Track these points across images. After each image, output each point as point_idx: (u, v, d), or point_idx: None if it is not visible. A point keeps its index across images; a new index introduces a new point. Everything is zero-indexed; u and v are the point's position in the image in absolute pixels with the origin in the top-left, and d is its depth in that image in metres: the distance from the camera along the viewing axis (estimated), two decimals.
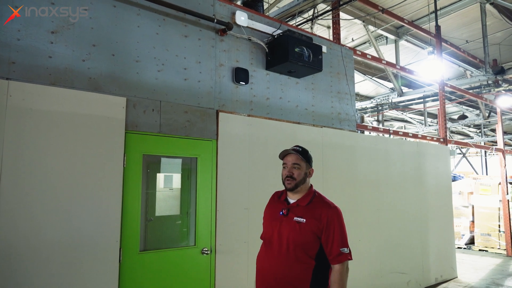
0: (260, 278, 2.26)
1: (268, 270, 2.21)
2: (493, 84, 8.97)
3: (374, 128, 6.60)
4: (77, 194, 3.07)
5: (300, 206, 2.23)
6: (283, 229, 2.19)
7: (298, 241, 2.13)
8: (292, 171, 2.23)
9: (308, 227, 2.14)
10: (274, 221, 2.26)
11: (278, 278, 2.15)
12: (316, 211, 2.18)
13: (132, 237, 3.36)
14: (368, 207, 5.43)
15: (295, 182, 2.22)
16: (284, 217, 2.22)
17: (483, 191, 9.87)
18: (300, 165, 2.25)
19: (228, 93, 4.26)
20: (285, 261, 2.14)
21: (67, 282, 2.95)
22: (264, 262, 2.25)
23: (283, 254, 2.15)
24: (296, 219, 2.17)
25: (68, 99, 3.11)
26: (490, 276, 7.06)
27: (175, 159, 3.88)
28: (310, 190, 2.31)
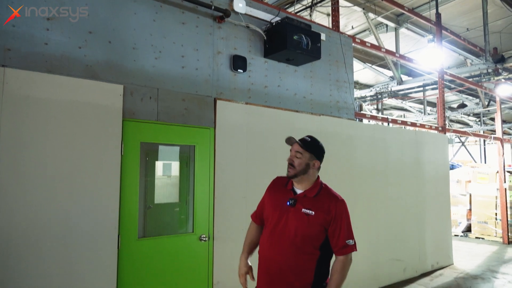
0: (264, 267, 2.25)
1: (273, 259, 2.19)
2: (493, 73, 8.93)
3: (372, 117, 6.59)
4: (75, 182, 3.08)
5: (308, 197, 2.22)
6: (290, 220, 2.17)
7: (306, 233, 2.14)
8: (293, 159, 2.23)
9: (317, 219, 2.15)
10: (280, 210, 2.23)
11: (284, 268, 2.16)
12: (325, 204, 2.19)
13: (131, 224, 3.39)
14: (365, 195, 5.46)
15: (295, 171, 2.21)
16: (291, 208, 2.20)
17: (480, 179, 9.92)
18: (303, 155, 2.23)
19: (226, 81, 4.25)
20: (291, 252, 2.15)
21: (66, 268, 2.99)
22: (269, 251, 2.22)
23: (290, 244, 2.15)
24: (305, 210, 2.16)
25: (65, 86, 3.10)
26: (486, 263, 7.15)
27: (173, 147, 3.89)
28: (317, 181, 2.29)
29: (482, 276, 6.22)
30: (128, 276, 3.34)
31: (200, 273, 3.77)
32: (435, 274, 6.27)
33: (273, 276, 2.19)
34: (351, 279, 5.12)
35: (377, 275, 5.49)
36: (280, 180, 2.39)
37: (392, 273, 5.74)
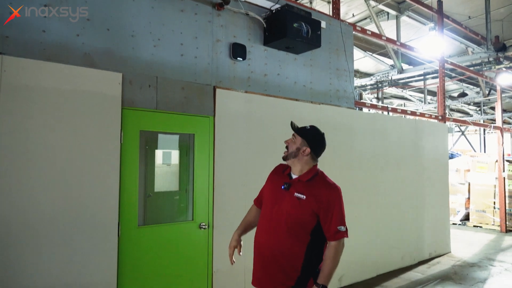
0: (256, 252, 2.32)
1: (264, 244, 2.26)
2: (494, 61, 8.88)
3: (372, 105, 6.58)
4: (74, 170, 3.09)
5: (301, 181, 2.25)
6: (283, 203, 2.23)
7: (296, 217, 2.18)
8: (288, 142, 2.34)
9: (308, 204, 2.17)
10: (276, 194, 2.29)
11: (275, 251, 2.20)
12: (317, 190, 2.21)
13: (130, 212, 3.41)
14: (365, 184, 5.48)
15: (286, 153, 2.32)
16: (285, 192, 2.25)
17: (480, 168, 9.94)
18: (295, 139, 2.31)
19: (225, 69, 4.23)
20: (281, 236, 2.19)
21: (66, 255, 3.02)
22: (262, 237, 2.29)
23: (281, 228, 2.20)
24: (297, 194, 2.21)
25: (63, 74, 3.08)
26: (483, 251, 7.22)
27: (172, 135, 3.90)
28: (314, 168, 2.32)
29: (479, 264, 6.29)
30: (129, 263, 3.37)
31: (200, 261, 3.81)
32: (433, 262, 6.34)
33: (265, 259, 2.25)
34: (350, 266, 5.20)
35: (376, 262, 5.55)
36: (281, 167, 2.45)
37: (390, 261, 5.80)
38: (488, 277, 5.54)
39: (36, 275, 2.88)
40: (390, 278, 5.43)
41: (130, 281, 3.37)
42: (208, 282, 3.84)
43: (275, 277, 2.22)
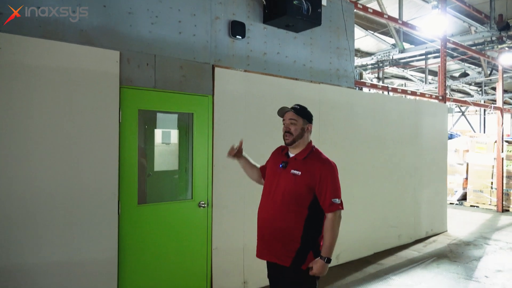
0: (259, 227, 2.49)
1: (266, 220, 2.41)
2: (497, 41, 8.77)
3: (372, 85, 6.54)
4: (73, 149, 3.09)
5: (298, 160, 2.40)
6: (281, 180, 2.38)
7: (293, 192, 2.32)
8: (289, 127, 2.40)
9: (303, 179, 2.32)
10: (274, 173, 2.45)
11: (274, 227, 2.36)
12: (311, 166, 2.35)
13: (130, 190, 3.44)
14: (364, 164, 5.50)
15: (293, 137, 2.39)
16: (283, 170, 2.40)
17: (478, 149, 9.97)
18: (297, 121, 2.41)
19: (224, 47, 4.18)
20: (281, 211, 2.34)
21: (67, 233, 3.06)
22: (263, 213, 2.45)
23: (279, 204, 2.35)
24: (293, 171, 2.35)
25: (60, 52, 3.04)
26: (479, 230, 7.32)
27: (171, 114, 3.88)
28: (309, 145, 2.46)
29: (475, 242, 6.38)
30: (129, 241, 3.42)
31: (199, 239, 3.86)
32: (429, 241, 6.44)
33: (267, 233, 2.40)
34: (348, 244, 5.28)
35: (373, 241, 5.63)
36: (280, 148, 2.59)
37: (387, 240, 5.88)
38: (483, 255, 5.63)
39: (37, 253, 2.93)
40: (386, 256, 5.53)
41: (130, 258, 3.43)
42: (208, 259, 3.91)
43: (276, 250, 2.36)
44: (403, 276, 4.73)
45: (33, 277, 2.90)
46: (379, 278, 4.63)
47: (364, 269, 4.96)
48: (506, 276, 4.74)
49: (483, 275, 4.77)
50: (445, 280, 4.59)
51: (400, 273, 4.81)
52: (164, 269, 3.63)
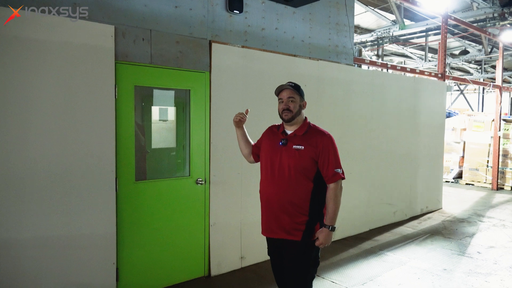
0: (265, 205, 2.53)
1: (272, 195, 2.46)
2: (499, 17, 8.62)
3: (371, 62, 6.47)
4: (69, 124, 3.07)
5: (298, 135, 2.46)
6: (283, 157, 2.43)
7: (298, 166, 2.39)
8: (288, 104, 2.44)
9: (307, 153, 2.40)
10: (274, 151, 2.48)
11: (282, 200, 2.42)
12: (313, 139, 2.43)
13: (127, 167, 3.44)
14: (361, 141, 5.51)
15: (292, 114, 2.44)
16: (283, 147, 2.45)
17: (476, 127, 9.98)
18: (295, 98, 2.46)
19: (222, 22, 4.09)
20: (288, 185, 2.40)
21: (66, 209, 3.07)
22: (268, 189, 2.49)
23: (286, 179, 2.41)
24: (295, 147, 2.42)
25: (54, 26, 2.97)
26: (473, 207, 7.42)
27: (167, 91, 3.84)
28: (305, 121, 2.53)
29: (469, 219, 6.48)
30: (127, 217, 3.45)
31: (197, 215, 3.90)
32: (424, 218, 6.53)
33: (275, 210, 2.45)
34: (344, 221, 5.34)
35: (369, 217, 5.71)
36: (274, 128, 2.65)
37: (383, 216, 5.96)
38: (476, 232, 5.73)
39: (35, 227, 2.95)
40: (382, 233, 5.62)
41: (129, 233, 3.47)
42: (205, 235, 3.96)
43: (286, 225, 2.42)
44: (397, 252, 4.81)
45: (32, 250, 2.94)
46: (374, 254, 4.72)
47: (359, 245, 5.05)
48: (498, 252, 4.84)
49: (476, 251, 4.87)
50: (438, 256, 4.68)
51: (394, 249, 4.90)
52: (162, 244, 3.68)
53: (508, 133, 9.46)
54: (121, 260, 3.43)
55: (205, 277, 3.96)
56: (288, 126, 2.52)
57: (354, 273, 4.13)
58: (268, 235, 2.55)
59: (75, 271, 3.14)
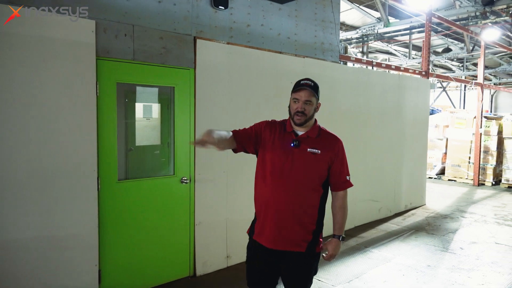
0: (272, 214, 2.19)
1: (282, 203, 2.17)
2: (481, 16, 8.76)
3: (357, 60, 6.48)
4: (49, 123, 2.96)
5: (311, 138, 2.24)
6: (297, 160, 2.18)
7: (313, 171, 2.20)
8: (304, 107, 2.18)
9: (324, 157, 2.22)
10: (284, 152, 2.20)
11: (294, 209, 2.18)
12: (328, 143, 2.27)
13: (110, 166, 3.35)
14: (347, 138, 5.46)
15: (305, 118, 2.19)
16: (295, 149, 2.20)
17: (458, 124, 10.15)
18: (312, 102, 2.20)
19: (206, 18, 4.02)
20: (302, 191, 2.18)
21: (45, 209, 2.97)
22: (276, 196, 2.18)
23: (300, 185, 2.18)
24: (311, 150, 2.20)
25: (32, 20, 2.85)
26: (456, 203, 7.55)
27: (151, 88, 3.76)
28: (316, 124, 2.31)
29: (451, 215, 6.59)
30: (110, 218, 3.36)
31: (182, 215, 3.83)
32: (408, 214, 6.61)
33: (284, 218, 2.18)
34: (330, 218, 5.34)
35: (354, 214, 5.73)
36: (277, 124, 2.33)
37: (367, 213, 6.00)
38: (459, 228, 5.83)
39: (14, 229, 2.84)
40: (367, 229, 5.65)
41: (112, 234, 3.38)
42: (191, 234, 3.90)
43: (295, 234, 2.19)
44: (382, 248, 4.85)
45: (14, 252, 2.84)
46: (359, 251, 4.74)
47: (345, 242, 5.06)
48: (480, 248, 4.92)
49: (458, 247, 4.94)
50: (422, 252, 4.73)
51: (379, 246, 4.94)
52: (146, 245, 3.60)
53: (489, 130, 9.65)
54: (104, 262, 3.34)
55: (190, 277, 3.91)
56: (298, 126, 2.24)
57: (341, 271, 4.14)
58: (271, 247, 2.21)
59: (56, 273, 3.05)
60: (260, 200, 2.26)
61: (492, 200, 7.91)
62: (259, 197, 2.27)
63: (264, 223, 2.23)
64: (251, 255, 2.35)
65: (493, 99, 23.52)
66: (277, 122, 2.34)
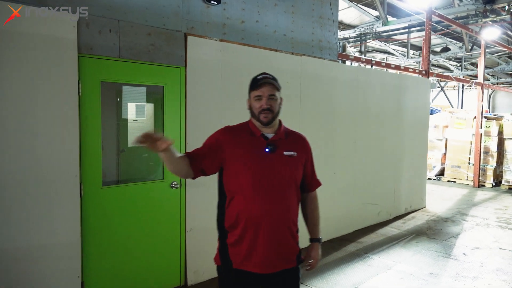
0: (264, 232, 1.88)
1: (269, 217, 1.88)
2: (481, 15, 8.59)
3: (356, 58, 6.29)
4: (26, 125, 2.75)
5: (283, 139, 2.00)
6: (276, 167, 1.92)
7: (293, 175, 1.98)
8: (269, 103, 1.93)
9: (300, 159, 2.03)
10: (259, 161, 1.92)
11: (285, 221, 1.94)
12: (299, 143, 2.07)
13: (94, 171, 3.13)
14: (345, 140, 5.32)
15: (273, 115, 1.95)
16: (271, 154, 1.93)
17: (458, 124, 9.98)
18: (276, 96, 1.96)
19: (198, 13, 3.81)
20: (287, 200, 1.94)
21: (23, 219, 2.76)
22: (263, 210, 1.88)
23: (283, 193, 1.93)
24: (287, 153, 1.96)
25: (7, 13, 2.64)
26: (456, 206, 7.37)
27: (138, 87, 3.55)
28: (280, 122, 2.06)
29: (452, 219, 6.41)
30: (94, 225, 3.15)
31: (172, 221, 3.63)
32: (408, 217, 6.42)
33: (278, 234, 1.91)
34: (327, 222, 5.15)
35: (353, 218, 5.54)
36: (238, 130, 2.04)
37: (366, 217, 5.81)
38: (461, 232, 5.64)
39: None
40: (366, 234, 5.46)
41: (96, 242, 3.17)
42: (182, 241, 3.70)
43: (290, 248, 1.97)
44: (382, 255, 4.65)
45: None
46: (359, 258, 4.54)
47: (343, 248, 4.87)
48: (483, 254, 4.73)
49: (461, 253, 4.76)
50: (424, 259, 4.54)
51: (379, 252, 4.74)
52: (133, 253, 3.39)
53: (489, 130, 9.48)
54: (87, 272, 3.13)
55: (181, 286, 3.70)
56: (265, 128, 1.98)
57: (339, 279, 3.94)
58: (266, 271, 1.90)
59: (35, 286, 2.83)
60: (243, 219, 1.89)
61: (493, 202, 7.74)
62: (241, 215, 1.90)
63: (254, 244, 1.88)
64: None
65: (491, 99, 23.41)
66: (235, 128, 2.06)
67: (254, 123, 2.01)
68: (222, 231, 2.01)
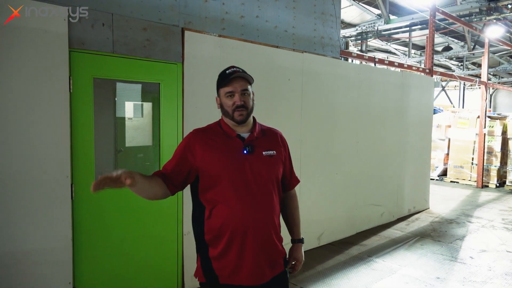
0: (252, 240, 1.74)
1: (255, 223, 1.75)
2: (485, 12, 8.45)
3: (358, 56, 6.15)
4: (13, 123, 2.60)
5: (260, 138, 1.86)
6: (255, 168, 1.78)
7: (273, 176, 1.85)
8: (243, 99, 1.78)
9: (279, 157, 1.90)
10: (238, 164, 1.77)
11: (270, 225, 1.81)
12: (276, 140, 1.93)
13: (86, 171, 2.99)
14: (347, 139, 5.18)
15: (247, 112, 1.80)
16: (249, 155, 1.79)
17: (460, 124, 9.84)
18: (249, 91, 1.82)
19: (196, 7, 3.66)
20: (269, 202, 1.81)
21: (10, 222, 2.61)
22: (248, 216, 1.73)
23: (266, 195, 1.80)
24: (266, 153, 1.83)
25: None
26: (461, 207, 7.22)
27: (133, 84, 3.40)
28: (255, 119, 1.92)
29: (457, 220, 6.26)
30: (86, 229, 3.00)
31: (169, 223, 3.48)
32: (411, 219, 6.27)
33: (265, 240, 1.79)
34: (329, 224, 5.02)
35: (355, 220, 5.39)
36: (209, 132, 1.86)
37: (369, 218, 5.66)
38: (466, 234, 5.50)
39: None
40: (369, 236, 5.31)
41: (88, 246, 3.02)
42: (179, 245, 3.55)
43: (278, 253, 1.85)
44: (386, 258, 4.50)
45: None
46: (363, 261, 4.40)
47: (346, 251, 4.72)
48: (491, 257, 4.59)
49: (468, 256, 4.61)
50: (430, 262, 4.39)
51: (383, 255, 4.59)
52: (128, 257, 3.25)
53: (493, 130, 9.33)
54: (79, 278, 2.99)
55: None
56: (239, 127, 1.83)
57: (342, 284, 3.79)
58: (258, 282, 1.76)
59: None
60: (228, 229, 1.72)
61: (497, 203, 7.59)
62: (225, 225, 1.73)
63: (242, 254, 1.73)
64: None
65: (492, 98, 23.26)
66: (206, 130, 1.88)
67: (226, 123, 1.84)
68: (201, 245, 1.81)
